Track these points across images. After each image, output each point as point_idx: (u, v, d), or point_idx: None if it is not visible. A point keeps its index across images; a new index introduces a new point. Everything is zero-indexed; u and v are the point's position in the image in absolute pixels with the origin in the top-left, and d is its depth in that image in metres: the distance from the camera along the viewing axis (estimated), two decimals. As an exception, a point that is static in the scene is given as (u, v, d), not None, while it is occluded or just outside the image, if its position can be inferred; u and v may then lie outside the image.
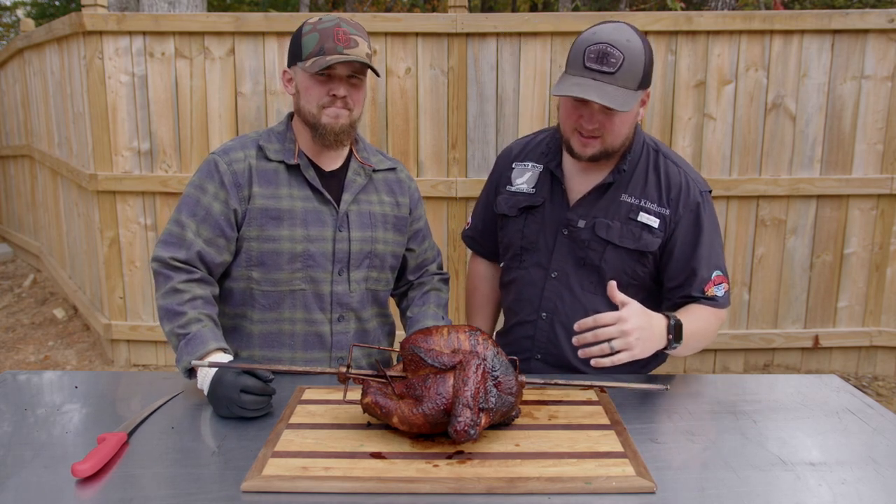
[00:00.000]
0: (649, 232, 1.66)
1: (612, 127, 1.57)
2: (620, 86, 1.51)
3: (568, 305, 1.72)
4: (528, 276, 1.77)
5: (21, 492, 1.11)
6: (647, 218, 1.66)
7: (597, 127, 1.57)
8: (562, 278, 1.72)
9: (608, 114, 1.55)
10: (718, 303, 1.67)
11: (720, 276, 1.68)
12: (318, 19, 1.61)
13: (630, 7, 10.42)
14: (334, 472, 1.14)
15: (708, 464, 1.22)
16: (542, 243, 1.74)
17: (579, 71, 1.53)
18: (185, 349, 1.47)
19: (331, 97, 1.60)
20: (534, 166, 1.79)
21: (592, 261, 1.69)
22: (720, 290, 1.68)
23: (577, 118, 1.58)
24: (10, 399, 1.50)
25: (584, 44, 1.53)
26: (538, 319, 1.76)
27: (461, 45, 3.69)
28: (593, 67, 1.51)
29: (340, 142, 1.65)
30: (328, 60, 1.55)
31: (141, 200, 3.93)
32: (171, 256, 1.58)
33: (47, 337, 4.69)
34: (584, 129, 1.58)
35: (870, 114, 3.75)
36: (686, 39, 3.70)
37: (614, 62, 1.49)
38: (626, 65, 1.50)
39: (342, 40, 1.57)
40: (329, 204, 1.68)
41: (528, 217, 1.77)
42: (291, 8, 12.54)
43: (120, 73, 3.82)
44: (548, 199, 1.75)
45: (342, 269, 1.68)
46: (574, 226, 1.70)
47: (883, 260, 3.89)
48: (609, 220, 1.67)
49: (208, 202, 1.62)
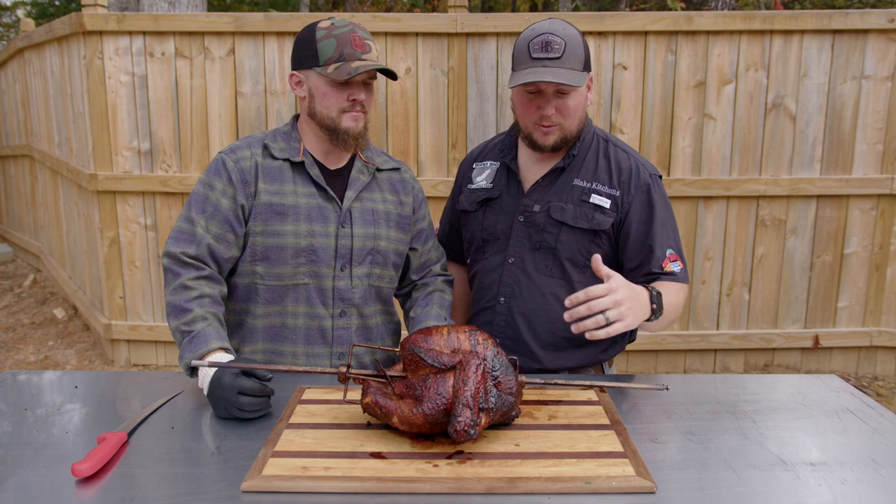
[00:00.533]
0: (601, 212, 1.72)
1: (567, 110, 1.67)
2: (569, 68, 1.61)
3: (524, 288, 1.78)
4: (488, 264, 1.84)
5: (21, 492, 1.11)
6: (598, 199, 1.73)
7: (554, 112, 1.66)
8: (518, 263, 1.79)
9: (562, 97, 1.65)
10: (678, 277, 1.72)
11: (673, 254, 1.74)
12: (331, 24, 1.64)
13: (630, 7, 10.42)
14: (334, 472, 1.14)
15: (708, 464, 1.22)
16: (500, 232, 1.81)
17: (528, 63, 1.63)
18: (188, 347, 1.48)
19: (351, 102, 1.64)
20: (491, 164, 1.89)
21: (548, 243, 1.75)
22: (676, 266, 1.73)
23: (535, 109, 1.67)
24: (10, 399, 1.50)
25: (525, 40, 1.65)
26: (496, 304, 1.81)
27: (461, 45, 3.70)
28: (540, 56, 1.61)
29: (359, 145, 1.71)
30: (355, 68, 1.59)
31: (141, 200, 3.93)
32: (181, 251, 1.60)
33: (47, 337, 4.69)
34: (544, 117, 1.66)
35: (870, 114, 3.75)
36: (686, 39, 3.70)
37: (558, 48, 1.61)
38: (569, 48, 1.62)
39: (359, 46, 1.62)
40: (333, 201, 1.70)
41: (487, 209, 1.85)
42: (291, 8, 12.55)
43: (120, 73, 3.82)
44: (504, 190, 1.83)
45: (344, 264, 1.70)
46: (530, 210, 1.77)
47: (883, 260, 3.89)
48: (563, 203, 1.74)
49: (217, 198, 1.65)
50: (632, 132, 3.78)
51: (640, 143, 3.79)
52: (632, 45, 3.70)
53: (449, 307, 1.87)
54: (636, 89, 3.75)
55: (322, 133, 1.69)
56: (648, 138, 3.79)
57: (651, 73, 3.73)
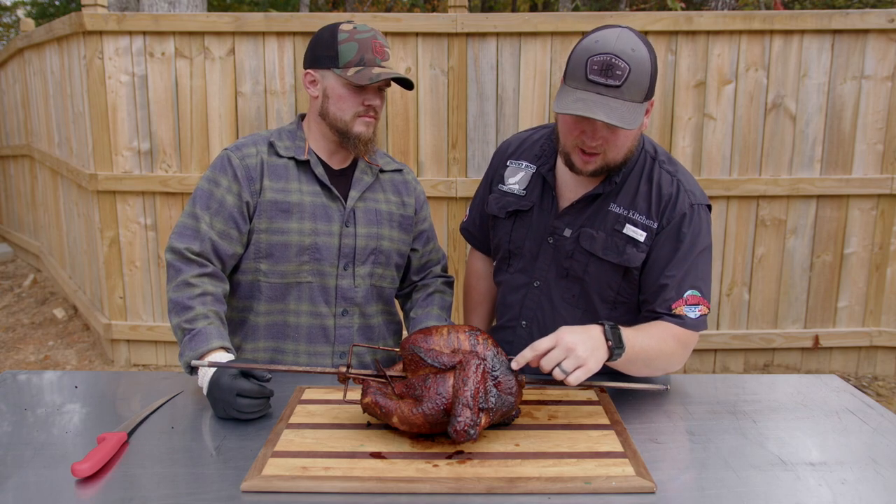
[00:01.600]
0: (634, 246, 1.55)
1: (615, 142, 1.47)
2: (627, 100, 1.38)
3: (547, 316, 1.65)
4: (513, 281, 1.72)
5: (21, 491, 1.11)
6: (632, 231, 1.55)
7: (600, 143, 1.47)
8: (544, 288, 1.66)
9: (613, 130, 1.44)
10: (686, 322, 1.51)
11: (696, 296, 1.52)
12: (353, 28, 1.64)
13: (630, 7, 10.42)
14: (334, 472, 1.14)
15: (708, 464, 1.22)
16: (527, 249, 1.68)
17: (582, 84, 1.40)
18: (189, 345, 1.48)
19: (366, 107, 1.65)
20: (527, 166, 1.71)
21: (576, 272, 1.60)
22: (692, 312, 1.52)
23: (578, 134, 1.47)
24: (10, 399, 1.50)
25: (586, 54, 1.39)
26: (517, 327, 1.71)
27: (461, 45, 3.70)
28: (597, 80, 1.38)
29: (367, 150, 1.72)
30: (377, 74, 1.60)
31: (141, 200, 3.93)
32: (185, 247, 1.60)
33: (47, 337, 4.69)
34: (587, 146, 1.48)
35: (870, 114, 3.75)
36: (686, 39, 3.70)
37: (620, 74, 1.37)
38: (633, 76, 1.37)
39: (380, 53, 1.63)
40: (337, 200, 1.71)
41: (517, 221, 1.70)
42: (291, 8, 12.55)
43: (120, 73, 3.82)
44: (537, 204, 1.67)
45: (347, 263, 1.71)
46: (560, 234, 1.61)
47: (883, 260, 3.89)
48: (594, 231, 1.57)
49: (221, 195, 1.65)
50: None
51: (640, 143, 3.78)
52: (632, 45, 3.70)
53: (449, 308, 1.87)
54: (636, 89, 3.74)
55: (331, 134, 1.69)
56: (648, 138, 3.78)
57: (651, 73, 3.73)
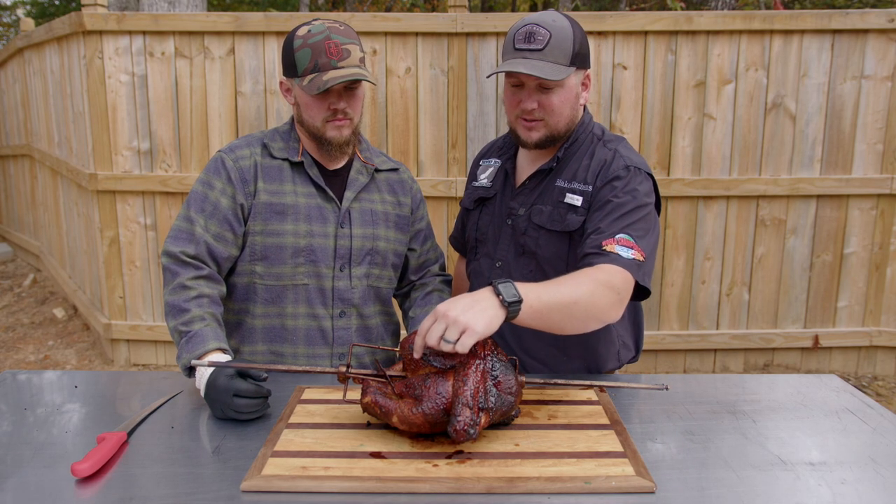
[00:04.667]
0: (573, 212, 1.61)
1: (551, 106, 1.57)
2: (550, 61, 1.53)
3: None
4: (479, 267, 1.78)
5: (20, 491, 1.10)
6: (571, 198, 1.62)
7: (536, 108, 1.57)
8: (504, 267, 1.72)
9: (545, 92, 1.56)
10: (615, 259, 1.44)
11: (628, 240, 1.48)
12: (308, 31, 1.60)
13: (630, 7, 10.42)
14: (334, 472, 1.14)
15: (708, 464, 1.22)
16: (490, 234, 1.76)
17: (511, 54, 1.56)
18: (186, 347, 1.48)
19: (332, 111, 1.62)
20: (495, 161, 1.83)
21: (529, 248, 1.67)
22: (624, 252, 1.46)
23: (517, 103, 1.60)
24: (9, 399, 1.50)
25: (513, 30, 1.58)
26: None
27: (461, 45, 3.69)
28: (522, 47, 1.54)
29: (345, 152, 1.70)
30: (325, 81, 1.55)
31: (141, 200, 3.93)
32: (181, 251, 1.60)
33: (47, 336, 4.69)
34: (525, 111, 1.58)
35: (870, 114, 3.75)
36: (686, 39, 3.70)
37: (541, 39, 1.53)
38: (554, 41, 1.53)
39: (335, 53, 1.57)
40: (332, 201, 1.70)
41: (483, 209, 1.79)
42: (291, 7, 12.54)
43: (120, 73, 3.82)
44: (499, 191, 1.77)
45: (344, 265, 1.70)
46: (515, 213, 1.70)
47: (883, 260, 3.89)
48: (543, 206, 1.66)
49: (216, 197, 1.64)
50: (632, 132, 3.78)
51: (640, 143, 3.78)
52: (632, 44, 3.70)
53: (448, 307, 1.86)
54: (636, 89, 3.75)
55: (312, 140, 1.69)
56: (648, 138, 3.78)
57: (651, 72, 3.73)
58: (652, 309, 3.96)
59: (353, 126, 1.67)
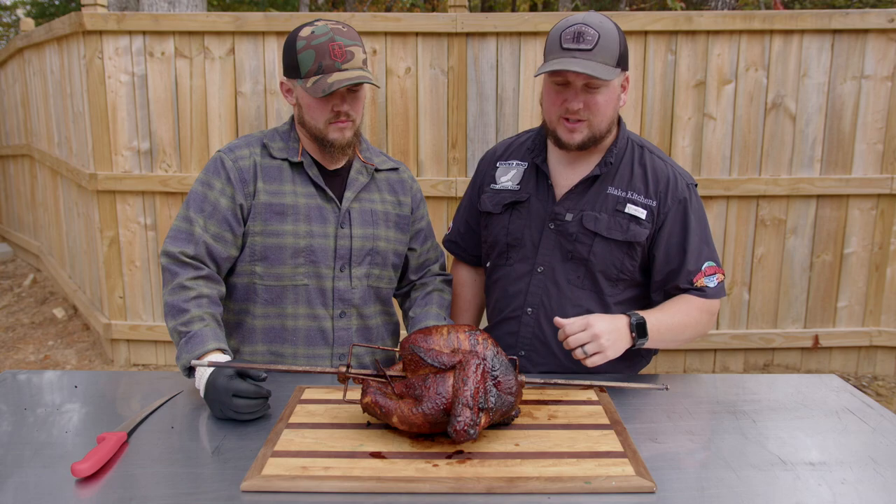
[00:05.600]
0: (637, 223, 1.66)
1: (596, 107, 1.59)
2: (599, 61, 1.54)
3: (554, 300, 1.71)
4: (514, 272, 1.77)
5: (20, 491, 1.10)
6: (634, 209, 1.67)
7: (581, 108, 1.59)
8: (548, 273, 1.72)
9: (591, 92, 1.58)
10: (707, 293, 1.67)
11: (712, 266, 1.68)
12: (311, 32, 1.59)
13: (630, 7, 10.42)
14: (334, 472, 1.14)
15: (708, 464, 1.22)
16: (527, 238, 1.74)
17: (558, 53, 1.56)
18: (185, 347, 1.48)
19: (335, 113, 1.62)
20: (518, 164, 1.81)
21: (580, 254, 1.68)
22: (711, 281, 1.67)
23: (561, 102, 1.61)
24: (9, 399, 1.50)
25: (559, 30, 1.59)
26: (523, 315, 1.74)
27: (461, 45, 3.69)
28: (571, 47, 1.55)
29: (346, 153, 1.69)
30: (330, 84, 1.55)
31: (141, 200, 3.93)
32: (180, 251, 1.60)
33: (47, 336, 4.69)
34: (570, 111, 1.60)
35: (870, 114, 3.75)
36: (686, 39, 3.70)
37: (591, 39, 1.54)
38: (603, 41, 1.55)
39: (338, 55, 1.57)
40: (332, 201, 1.70)
41: (513, 213, 1.77)
42: (291, 7, 12.54)
43: (120, 73, 3.81)
44: (533, 194, 1.75)
45: (344, 265, 1.70)
46: (561, 219, 1.70)
47: (883, 260, 3.89)
48: (597, 213, 1.67)
49: (215, 198, 1.64)
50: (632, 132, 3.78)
51: (639, 142, 3.78)
52: (632, 44, 3.70)
53: (448, 307, 1.86)
54: (636, 89, 3.75)
55: (313, 141, 1.69)
56: (648, 138, 3.78)
57: (651, 72, 3.73)
58: (652, 309, 3.96)
59: (355, 128, 1.67)
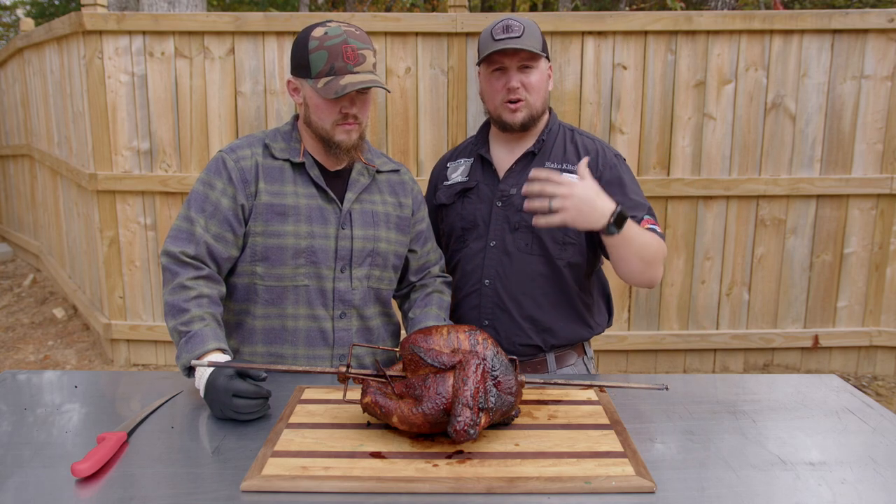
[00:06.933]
0: None
1: (531, 85, 1.78)
2: (528, 46, 1.74)
3: (507, 268, 1.85)
4: (470, 251, 1.90)
5: (20, 491, 1.10)
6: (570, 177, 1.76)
7: (520, 86, 1.77)
8: (499, 245, 1.85)
9: (526, 72, 1.77)
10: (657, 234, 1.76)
11: (650, 219, 1.78)
12: (324, 33, 1.59)
13: (630, 7, 10.42)
14: (334, 472, 1.14)
15: (708, 464, 1.22)
16: (479, 219, 1.88)
17: (492, 45, 1.76)
18: (185, 347, 1.48)
19: (343, 115, 1.62)
20: (465, 160, 1.97)
21: (526, 222, 1.80)
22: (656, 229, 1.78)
23: (501, 86, 1.79)
24: (9, 399, 1.50)
25: (489, 28, 1.80)
26: (482, 287, 1.87)
27: (461, 45, 3.69)
28: (502, 37, 1.75)
29: (350, 155, 1.69)
30: (343, 86, 1.55)
31: (141, 200, 3.93)
32: (180, 251, 1.59)
33: (47, 336, 4.69)
34: (511, 89, 1.77)
35: (870, 114, 3.75)
36: (686, 39, 3.70)
37: (518, 29, 1.76)
38: (528, 31, 1.76)
39: (351, 58, 1.58)
40: (333, 202, 1.70)
41: (465, 199, 1.91)
42: (291, 7, 12.54)
43: (120, 73, 3.81)
44: (481, 180, 1.91)
45: (344, 266, 1.70)
46: (507, 194, 1.84)
47: (883, 260, 3.89)
48: None
49: (216, 198, 1.64)
50: (632, 132, 3.78)
51: (639, 142, 3.79)
52: (632, 44, 3.70)
53: (447, 308, 1.86)
54: (636, 89, 3.75)
55: (317, 142, 1.69)
56: (648, 138, 3.78)
57: (651, 72, 3.73)
58: (652, 309, 3.97)
59: (361, 130, 1.67)
